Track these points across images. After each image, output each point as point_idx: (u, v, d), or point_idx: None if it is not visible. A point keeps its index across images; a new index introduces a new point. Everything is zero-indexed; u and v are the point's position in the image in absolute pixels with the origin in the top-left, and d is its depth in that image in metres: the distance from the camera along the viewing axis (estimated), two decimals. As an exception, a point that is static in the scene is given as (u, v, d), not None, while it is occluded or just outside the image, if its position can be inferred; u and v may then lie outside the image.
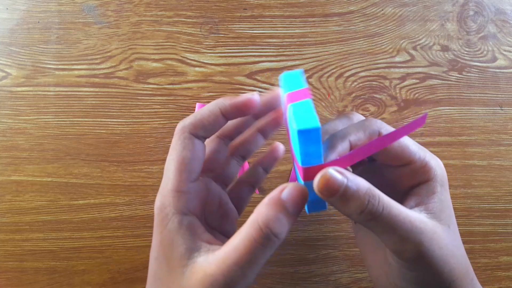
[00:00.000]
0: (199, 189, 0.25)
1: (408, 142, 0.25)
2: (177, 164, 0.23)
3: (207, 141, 0.27)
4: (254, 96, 0.24)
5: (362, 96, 0.37)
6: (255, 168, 0.30)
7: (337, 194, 0.21)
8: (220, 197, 0.27)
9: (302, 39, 0.36)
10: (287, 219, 0.21)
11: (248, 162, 0.36)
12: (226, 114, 0.24)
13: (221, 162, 0.27)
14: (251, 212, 0.21)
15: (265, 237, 0.20)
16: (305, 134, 0.20)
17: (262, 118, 0.27)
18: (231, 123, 0.26)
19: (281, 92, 0.24)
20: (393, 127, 0.37)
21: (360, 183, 0.21)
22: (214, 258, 0.21)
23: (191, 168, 0.24)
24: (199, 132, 0.24)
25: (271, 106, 0.25)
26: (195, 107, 0.36)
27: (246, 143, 0.28)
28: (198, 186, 0.25)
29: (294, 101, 0.22)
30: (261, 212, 0.21)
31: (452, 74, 0.37)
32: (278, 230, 0.20)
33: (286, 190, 0.21)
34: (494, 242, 0.37)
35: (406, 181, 0.25)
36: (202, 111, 0.25)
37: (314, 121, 0.20)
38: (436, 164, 0.25)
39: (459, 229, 0.25)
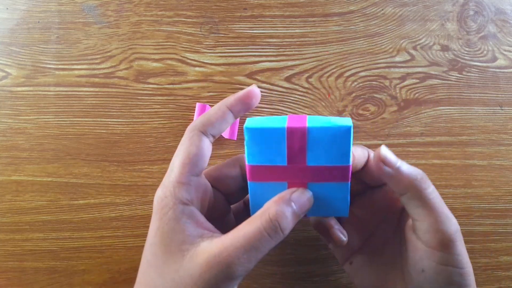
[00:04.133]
0: (201, 185, 0.26)
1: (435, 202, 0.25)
2: (182, 158, 0.25)
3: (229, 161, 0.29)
4: (254, 88, 0.27)
5: (362, 96, 0.37)
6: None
7: (393, 168, 0.23)
8: (225, 209, 0.29)
9: (302, 39, 0.36)
10: (293, 217, 0.23)
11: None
12: (232, 108, 0.26)
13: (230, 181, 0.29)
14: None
15: (273, 228, 0.22)
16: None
17: None
18: None
19: None
20: (394, 126, 0.37)
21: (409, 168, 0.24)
22: (221, 242, 0.22)
23: (195, 162, 0.25)
24: (208, 129, 0.26)
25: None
26: (195, 107, 0.36)
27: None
28: (200, 182, 0.25)
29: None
30: (271, 206, 0.23)
31: (452, 74, 0.37)
32: (284, 226, 0.22)
33: (296, 193, 0.24)
34: (494, 242, 0.37)
35: (429, 237, 0.25)
36: (210, 110, 0.26)
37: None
38: (456, 225, 0.25)
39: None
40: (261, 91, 0.36)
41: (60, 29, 0.36)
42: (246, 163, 0.25)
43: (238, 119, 0.36)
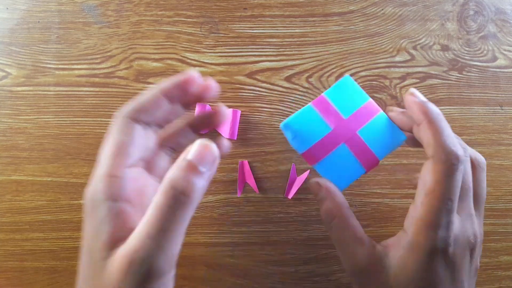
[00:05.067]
0: (136, 176, 0.23)
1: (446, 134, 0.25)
2: (111, 148, 0.22)
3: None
4: (192, 72, 0.24)
5: (362, 96, 0.37)
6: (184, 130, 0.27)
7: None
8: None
9: (302, 39, 0.36)
10: (198, 177, 0.20)
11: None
12: (168, 94, 0.23)
13: (150, 151, 0.25)
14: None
15: (172, 198, 0.19)
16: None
17: (191, 112, 0.28)
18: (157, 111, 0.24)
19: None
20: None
21: (334, 192, 0.26)
22: (131, 238, 0.19)
23: (126, 152, 0.22)
24: (140, 116, 0.23)
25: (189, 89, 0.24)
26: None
27: (176, 136, 0.27)
28: (135, 173, 0.23)
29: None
30: (168, 174, 0.20)
31: (452, 74, 0.37)
32: (186, 189, 0.19)
33: (191, 150, 0.20)
34: (494, 241, 0.37)
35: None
36: (143, 94, 0.23)
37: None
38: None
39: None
40: (261, 91, 0.36)
41: (60, 29, 0.36)
42: (300, 153, 0.27)
43: (238, 119, 0.36)
